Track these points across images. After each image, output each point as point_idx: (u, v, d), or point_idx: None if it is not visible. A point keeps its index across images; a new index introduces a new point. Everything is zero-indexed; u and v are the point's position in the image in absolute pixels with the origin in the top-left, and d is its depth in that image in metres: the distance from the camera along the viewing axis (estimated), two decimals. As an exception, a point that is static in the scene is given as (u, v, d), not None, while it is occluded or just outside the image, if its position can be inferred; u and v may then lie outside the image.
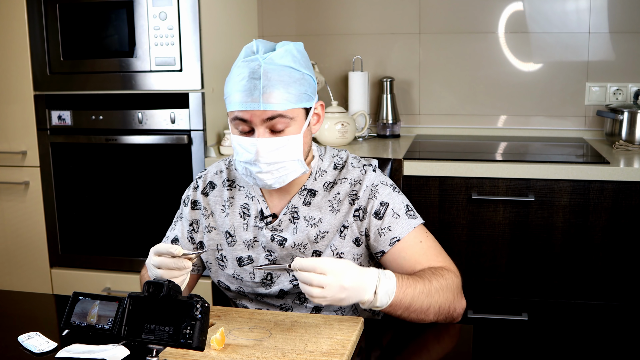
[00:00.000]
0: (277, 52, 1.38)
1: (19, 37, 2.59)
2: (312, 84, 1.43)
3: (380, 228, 1.46)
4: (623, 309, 2.30)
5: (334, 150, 1.57)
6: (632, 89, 2.76)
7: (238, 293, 1.58)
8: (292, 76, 1.38)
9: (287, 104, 1.37)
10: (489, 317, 2.34)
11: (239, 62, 1.41)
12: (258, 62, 1.37)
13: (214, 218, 1.57)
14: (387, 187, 1.50)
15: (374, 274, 1.31)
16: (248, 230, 1.53)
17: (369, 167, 1.52)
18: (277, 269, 1.45)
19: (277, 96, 1.35)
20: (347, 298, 1.27)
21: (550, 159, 2.38)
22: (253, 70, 1.36)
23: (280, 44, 1.42)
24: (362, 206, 1.48)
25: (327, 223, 1.48)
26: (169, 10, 2.44)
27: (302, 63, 1.41)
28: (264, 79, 1.35)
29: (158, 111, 2.53)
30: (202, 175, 1.62)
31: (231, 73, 1.43)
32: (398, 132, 2.92)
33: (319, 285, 1.25)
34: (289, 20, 3.03)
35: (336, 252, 1.48)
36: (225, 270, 1.56)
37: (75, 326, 1.19)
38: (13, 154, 2.69)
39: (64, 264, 2.73)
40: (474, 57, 2.88)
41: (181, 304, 1.13)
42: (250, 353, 1.24)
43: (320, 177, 1.51)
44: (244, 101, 1.36)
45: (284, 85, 1.36)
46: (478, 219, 2.34)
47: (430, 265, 1.44)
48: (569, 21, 2.77)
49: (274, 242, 1.50)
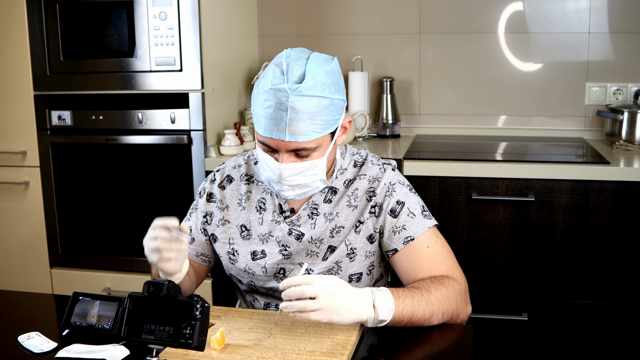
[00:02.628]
0: (307, 84, 1.33)
1: (19, 37, 2.59)
2: (341, 105, 1.41)
3: (395, 226, 1.47)
4: (623, 309, 2.30)
5: (354, 148, 1.59)
6: (632, 89, 2.76)
7: (249, 287, 1.58)
8: (320, 105, 1.35)
9: (313, 135, 1.36)
10: (489, 317, 2.34)
11: (267, 84, 1.36)
12: (286, 93, 1.32)
13: (228, 211, 1.58)
14: (404, 186, 1.52)
15: (366, 290, 1.32)
16: (263, 224, 1.54)
17: (388, 165, 1.54)
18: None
19: (303, 128, 1.35)
20: (343, 310, 1.26)
21: (550, 159, 2.38)
22: (280, 102, 1.33)
23: (309, 69, 1.35)
24: (378, 203, 1.49)
25: (343, 218, 1.50)
26: (169, 10, 2.44)
27: (333, 88, 1.37)
28: (290, 111, 1.33)
29: (158, 111, 2.53)
30: (221, 169, 1.63)
31: (258, 90, 1.38)
32: (398, 132, 2.92)
33: (312, 295, 1.25)
34: (289, 20, 3.03)
35: (350, 246, 1.49)
36: (236, 265, 1.56)
37: (75, 326, 1.19)
38: (13, 154, 2.69)
39: (64, 264, 2.73)
40: (474, 57, 2.88)
41: (181, 304, 1.14)
42: (250, 353, 1.24)
43: (341, 174, 1.53)
44: (270, 129, 1.36)
45: (311, 117, 1.34)
46: (478, 219, 2.34)
47: (432, 274, 1.44)
48: (569, 21, 2.77)
49: (292, 235, 1.51)
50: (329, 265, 1.50)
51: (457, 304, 1.40)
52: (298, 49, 1.42)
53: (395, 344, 1.35)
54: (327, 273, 1.50)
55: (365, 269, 1.52)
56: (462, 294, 1.42)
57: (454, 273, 1.45)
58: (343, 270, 1.50)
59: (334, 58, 1.43)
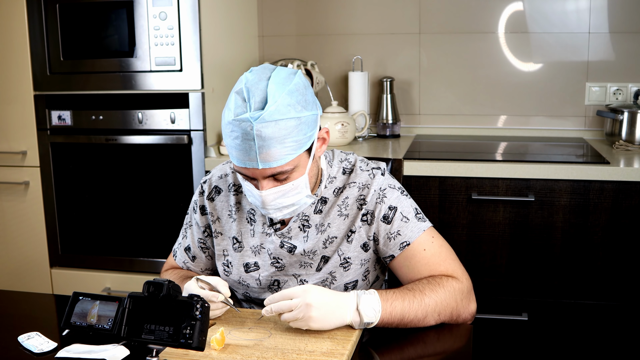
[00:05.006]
0: (268, 111, 1.28)
1: (19, 37, 2.59)
2: (312, 120, 1.35)
3: (390, 232, 1.45)
4: (623, 309, 2.30)
5: (342, 154, 1.55)
6: (632, 89, 2.76)
7: (245, 297, 1.58)
8: (288, 127, 1.30)
9: (286, 158, 1.32)
10: (489, 317, 2.34)
11: (230, 114, 1.31)
12: (249, 123, 1.28)
13: (220, 224, 1.56)
14: (395, 190, 1.48)
15: (351, 294, 1.33)
16: (255, 236, 1.52)
17: (377, 170, 1.50)
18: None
19: (275, 153, 1.31)
20: (320, 318, 1.28)
21: (550, 159, 2.38)
22: (245, 132, 1.28)
23: (270, 92, 1.30)
24: (369, 210, 1.46)
25: (335, 228, 1.48)
26: (169, 10, 2.44)
27: (299, 106, 1.32)
28: (258, 140, 1.28)
29: (158, 111, 2.53)
30: (207, 180, 1.60)
31: (224, 121, 1.34)
32: (398, 132, 2.92)
33: (288, 309, 1.28)
34: (289, 20, 3.03)
35: (343, 256, 1.47)
36: (230, 276, 1.55)
37: (75, 326, 1.19)
38: (13, 154, 2.69)
39: (64, 264, 2.73)
40: (474, 57, 2.88)
41: (181, 304, 1.13)
42: (250, 353, 1.24)
43: (330, 184, 1.50)
44: (242, 160, 1.33)
45: (280, 141, 1.30)
46: (478, 219, 2.34)
47: (430, 275, 1.43)
48: (569, 21, 2.77)
49: (283, 248, 1.49)
50: (323, 276, 1.48)
51: (456, 303, 1.39)
52: (259, 68, 1.36)
53: (396, 344, 1.35)
54: (321, 284, 1.48)
55: (360, 276, 1.50)
56: (464, 293, 1.41)
57: (454, 272, 1.44)
58: (338, 280, 1.48)
59: (297, 72, 1.37)
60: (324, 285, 1.48)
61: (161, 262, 2.59)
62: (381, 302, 1.32)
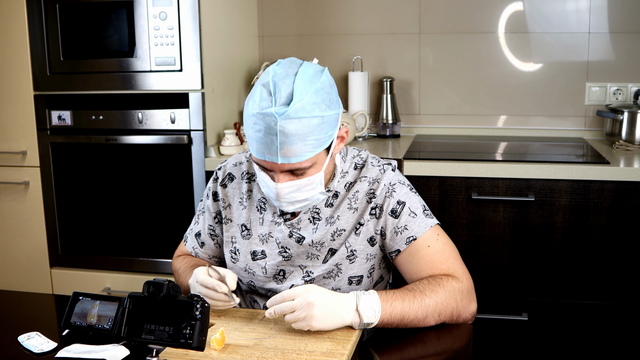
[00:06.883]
0: (294, 108, 1.29)
1: (19, 37, 2.59)
2: (334, 120, 1.37)
3: (397, 227, 1.47)
4: (623, 309, 2.30)
5: (355, 150, 1.58)
6: (632, 89, 2.76)
7: (249, 287, 1.59)
8: (311, 125, 1.32)
9: (306, 155, 1.35)
10: (489, 317, 2.34)
11: (255, 107, 1.32)
12: (274, 118, 1.29)
13: (230, 210, 1.58)
14: (405, 186, 1.51)
15: (351, 295, 1.34)
16: (263, 224, 1.54)
17: (388, 166, 1.53)
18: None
19: (295, 150, 1.33)
20: (321, 318, 1.28)
21: (550, 159, 2.38)
22: (269, 126, 1.30)
23: (297, 88, 1.31)
24: (378, 204, 1.48)
25: (344, 221, 1.49)
26: (169, 10, 2.44)
27: (323, 105, 1.33)
28: (280, 135, 1.31)
29: (158, 111, 2.53)
30: (222, 167, 1.63)
31: (248, 112, 1.35)
32: (398, 132, 2.92)
33: (290, 309, 1.29)
34: (289, 20, 3.03)
35: (350, 249, 1.49)
36: (237, 264, 1.56)
37: (75, 326, 1.19)
38: (13, 154, 2.69)
39: (64, 264, 2.73)
40: (474, 57, 2.88)
41: (181, 304, 1.13)
42: (250, 353, 1.24)
43: (342, 178, 1.52)
44: (262, 152, 1.35)
45: (302, 139, 1.32)
46: (478, 219, 2.34)
47: (433, 274, 1.43)
48: (569, 21, 2.77)
49: (292, 238, 1.51)
50: (328, 268, 1.50)
51: (457, 304, 1.39)
52: (287, 62, 1.37)
53: (396, 344, 1.35)
54: (327, 275, 1.50)
55: (365, 272, 1.51)
56: (464, 293, 1.41)
57: (455, 271, 1.44)
58: (343, 273, 1.50)
59: (324, 69, 1.39)
60: (329, 276, 1.50)
61: (161, 262, 2.59)
62: (381, 303, 1.33)
